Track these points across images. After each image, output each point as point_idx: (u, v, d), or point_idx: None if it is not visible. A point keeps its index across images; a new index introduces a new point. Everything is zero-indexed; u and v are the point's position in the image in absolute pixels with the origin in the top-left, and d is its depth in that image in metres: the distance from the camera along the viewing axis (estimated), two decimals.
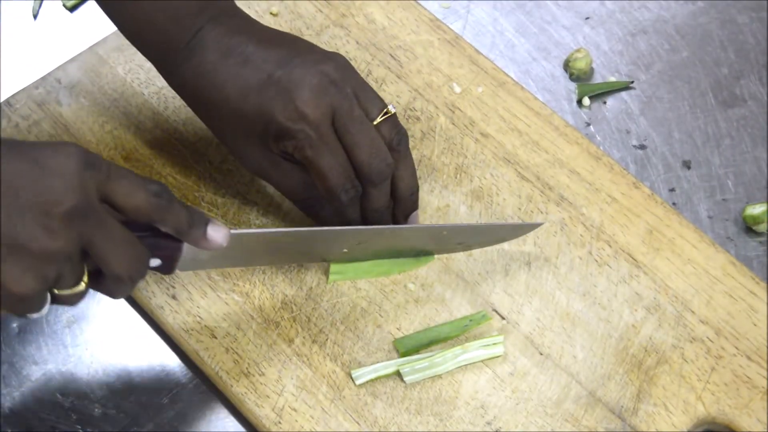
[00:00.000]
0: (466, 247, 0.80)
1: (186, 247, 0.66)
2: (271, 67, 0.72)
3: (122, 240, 0.61)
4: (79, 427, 0.74)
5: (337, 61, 0.73)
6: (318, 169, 0.72)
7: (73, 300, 0.62)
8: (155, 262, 0.66)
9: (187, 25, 0.73)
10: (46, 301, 0.61)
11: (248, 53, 0.72)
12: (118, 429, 0.74)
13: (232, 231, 0.67)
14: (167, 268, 0.67)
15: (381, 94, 0.87)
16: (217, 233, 0.66)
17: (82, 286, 0.62)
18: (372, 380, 0.74)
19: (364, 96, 0.73)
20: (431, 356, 0.75)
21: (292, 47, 0.73)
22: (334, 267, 0.78)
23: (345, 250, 0.76)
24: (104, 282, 0.63)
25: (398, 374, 0.75)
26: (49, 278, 0.59)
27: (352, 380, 0.74)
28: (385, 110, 0.74)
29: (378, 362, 0.75)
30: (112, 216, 0.61)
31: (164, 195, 0.62)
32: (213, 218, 0.66)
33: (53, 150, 0.59)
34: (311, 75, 0.71)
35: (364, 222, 0.77)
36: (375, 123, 0.73)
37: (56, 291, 0.61)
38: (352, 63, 0.88)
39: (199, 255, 0.68)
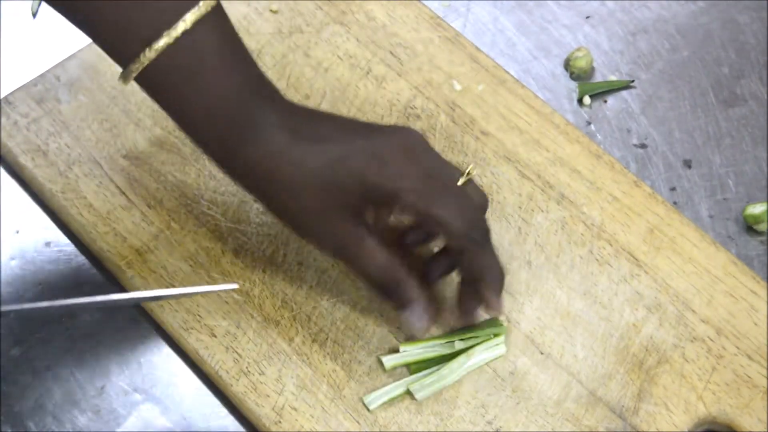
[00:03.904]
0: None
1: None
2: (351, 139, 0.69)
3: None
4: (79, 427, 0.74)
5: (412, 132, 0.72)
6: (436, 216, 0.69)
7: None
8: None
9: (243, 108, 0.69)
10: None
11: (319, 129, 0.69)
12: (117, 429, 0.74)
13: None
14: None
15: (381, 92, 0.86)
16: None
17: None
18: (384, 403, 0.73)
19: (440, 164, 0.72)
20: (438, 370, 0.74)
21: (357, 123, 0.72)
22: None
23: None
24: None
25: (409, 393, 0.74)
26: None
27: (353, 381, 0.74)
28: (467, 171, 0.72)
29: (378, 362, 0.75)
30: None
31: None
32: None
33: None
34: (394, 142, 0.70)
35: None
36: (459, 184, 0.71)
37: None
38: (352, 60, 0.88)
39: None
